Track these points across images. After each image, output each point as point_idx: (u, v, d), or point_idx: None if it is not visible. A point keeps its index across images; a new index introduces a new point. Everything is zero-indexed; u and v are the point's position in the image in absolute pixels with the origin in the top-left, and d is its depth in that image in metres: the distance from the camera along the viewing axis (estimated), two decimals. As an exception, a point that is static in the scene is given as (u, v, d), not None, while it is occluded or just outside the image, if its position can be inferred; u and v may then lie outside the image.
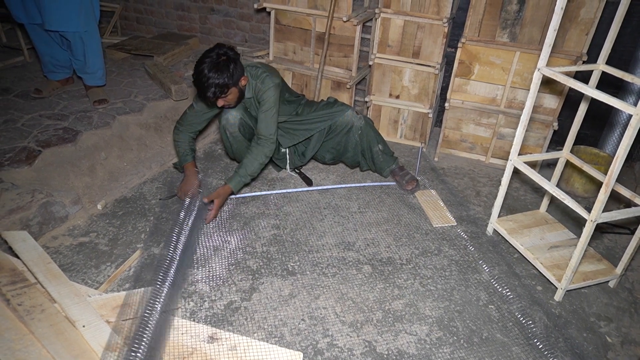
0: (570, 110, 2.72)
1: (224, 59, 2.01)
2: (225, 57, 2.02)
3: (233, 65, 2.03)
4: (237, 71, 2.06)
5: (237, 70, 2.06)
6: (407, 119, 3.06)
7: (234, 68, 2.03)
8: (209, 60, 1.99)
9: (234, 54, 2.07)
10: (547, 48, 1.79)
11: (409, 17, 2.75)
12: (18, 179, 2.20)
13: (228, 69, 2.01)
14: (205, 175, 2.67)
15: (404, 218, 2.38)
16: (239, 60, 2.11)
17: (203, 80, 2.00)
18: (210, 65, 1.98)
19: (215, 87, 2.01)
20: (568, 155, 2.18)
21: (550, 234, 2.18)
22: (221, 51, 2.03)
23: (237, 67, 2.06)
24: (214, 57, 2.00)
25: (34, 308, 1.55)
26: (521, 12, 2.48)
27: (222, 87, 2.03)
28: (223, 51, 2.04)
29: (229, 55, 2.03)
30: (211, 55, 2.01)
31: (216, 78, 1.99)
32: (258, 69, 2.24)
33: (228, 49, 2.06)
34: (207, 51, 2.05)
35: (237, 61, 2.07)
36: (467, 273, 2.04)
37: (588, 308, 1.90)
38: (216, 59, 2.00)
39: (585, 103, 2.05)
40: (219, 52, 2.02)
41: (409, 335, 1.72)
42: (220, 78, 1.99)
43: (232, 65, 2.02)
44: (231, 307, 1.79)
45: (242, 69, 2.12)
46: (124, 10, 4.26)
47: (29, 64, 3.45)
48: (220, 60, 2.00)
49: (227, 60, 2.02)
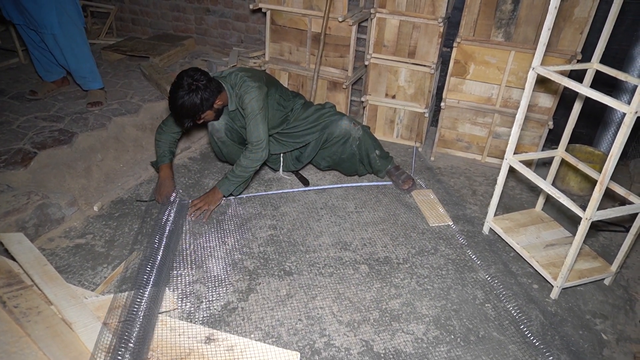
0: (565, 109, 2.73)
1: (194, 88, 2.03)
2: (195, 85, 2.03)
3: (203, 93, 2.05)
4: (208, 96, 2.08)
5: (209, 95, 2.08)
6: (403, 118, 3.06)
7: (204, 95, 2.05)
8: (180, 91, 2.02)
9: (204, 81, 2.06)
10: (541, 47, 1.80)
11: (404, 17, 2.76)
12: (14, 181, 2.19)
13: (199, 98, 2.04)
14: (201, 176, 2.67)
15: (401, 217, 2.39)
16: (211, 83, 2.10)
17: (177, 109, 2.06)
18: (181, 95, 2.02)
19: (189, 116, 2.08)
20: (563, 154, 2.19)
21: (546, 233, 2.19)
22: (191, 79, 2.04)
23: (208, 91, 2.07)
24: (185, 87, 2.02)
25: (30, 310, 1.54)
26: (516, 12, 2.49)
27: (195, 115, 2.09)
28: (193, 79, 2.04)
29: (199, 84, 2.04)
30: (182, 84, 2.03)
31: (188, 108, 2.05)
32: (237, 75, 2.23)
33: (200, 75, 2.06)
34: (179, 77, 2.06)
35: (208, 87, 2.07)
36: (463, 272, 2.05)
37: (584, 306, 1.91)
38: (187, 88, 2.02)
39: (580, 102, 2.06)
40: (189, 81, 2.03)
41: (405, 335, 1.72)
42: (192, 107, 2.05)
43: (201, 93, 2.04)
44: (228, 308, 1.79)
45: (216, 91, 2.12)
46: (119, 11, 4.25)
47: (23, 66, 3.44)
48: (191, 90, 2.02)
49: (196, 90, 2.03)
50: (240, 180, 2.30)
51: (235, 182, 2.29)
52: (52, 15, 2.56)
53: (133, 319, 1.58)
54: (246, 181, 2.34)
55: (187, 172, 2.70)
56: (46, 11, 2.54)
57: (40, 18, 2.56)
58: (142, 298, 1.69)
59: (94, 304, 1.65)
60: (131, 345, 1.47)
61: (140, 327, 1.56)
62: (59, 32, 2.61)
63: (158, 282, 1.79)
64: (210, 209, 2.29)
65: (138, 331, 1.54)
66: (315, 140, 2.47)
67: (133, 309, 1.62)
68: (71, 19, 2.66)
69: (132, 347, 1.47)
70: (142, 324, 1.57)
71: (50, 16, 2.56)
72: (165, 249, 1.98)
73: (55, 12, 2.56)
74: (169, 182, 2.35)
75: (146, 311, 1.63)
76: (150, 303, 1.67)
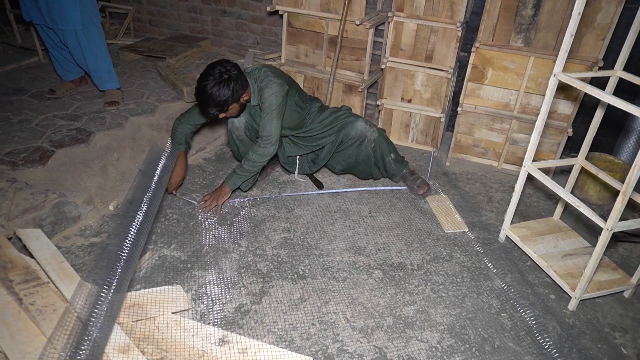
0: (585, 116, 2.69)
1: (226, 77, 2.00)
2: (227, 75, 2.01)
3: (234, 84, 2.02)
4: (238, 89, 2.05)
5: (239, 88, 2.06)
6: (418, 123, 3.04)
7: (235, 86, 2.02)
8: (211, 79, 1.99)
9: (236, 72, 2.05)
10: (563, 54, 1.77)
11: (422, 21, 2.74)
12: (32, 178, 2.22)
13: (229, 88, 2.00)
14: (215, 177, 2.67)
15: (415, 223, 2.37)
16: (242, 75, 2.09)
17: (205, 97, 2.01)
18: (212, 84, 1.98)
19: (216, 106, 2.03)
20: (583, 163, 2.15)
21: (564, 242, 2.15)
22: (223, 69, 2.01)
23: (239, 84, 2.05)
24: (217, 75, 1.99)
25: (46, 308, 1.55)
26: (536, 17, 2.45)
27: (223, 105, 2.04)
28: (225, 69, 2.02)
29: (230, 74, 2.02)
30: (214, 72, 2.00)
31: (217, 97, 1.99)
32: (261, 70, 2.22)
33: (231, 67, 2.04)
34: (210, 67, 2.04)
35: (239, 78, 2.06)
36: (479, 280, 2.02)
37: (602, 318, 1.87)
38: (219, 77, 1.99)
39: (602, 110, 2.02)
40: (221, 70, 2.00)
41: (420, 342, 1.70)
42: (221, 97, 2.00)
43: (233, 84, 2.01)
44: (241, 310, 1.79)
45: (244, 84, 2.10)
46: (137, 12, 4.29)
47: (43, 65, 3.48)
48: (222, 79, 1.99)
49: (229, 79, 2.00)
50: (248, 175, 2.29)
51: (243, 176, 2.28)
52: (76, 10, 2.59)
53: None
54: (254, 176, 2.33)
55: (202, 172, 2.71)
56: (70, 6, 2.57)
57: (64, 13, 2.59)
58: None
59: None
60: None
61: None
62: (80, 29, 2.65)
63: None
64: (219, 205, 2.30)
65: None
66: (331, 142, 2.46)
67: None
68: (91, 19, 2.69)
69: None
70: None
71: (74, 11, 2.59)
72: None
73: (78, 8, 2.60)
74: (178, 173, 2.35)
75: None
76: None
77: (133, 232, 1.72)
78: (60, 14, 2.60)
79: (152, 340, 1.55)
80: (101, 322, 1.43)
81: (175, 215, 2.31)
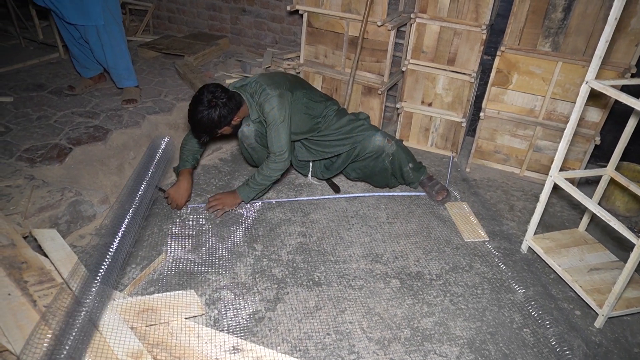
0: (612, 124, 2.59)
1: (214, 104, 2.01)
2: (214, 102, 2.01)
3: (222, 110, 2.03)
4: (226, 114, 2.05)
5: (227, 113, 2.06)
6: (439, 127, 2.97)
7: (222, 112, 2.03)
8: (200, 106, 2.00)
9: (224, 99, 2.03)
10: (597, 60, 1.69)
11: (445, 23, 2.67)
12: (49, 176, 2.22)
13: (217, 115, 2.02)
14: (231, 177, 2.65)
15: (434, 230, 2.31)
16: (231, 100, 2.07)
17: (194, 123, 2.06)
18: (201, 111, 2.00)
19: (206, 132, 2.08)
20: (612, 173, 2.07)
21: (590, 255, 2.07)
22: (211, 95, 2.01)
23: (228, 109, 2.05)
24: (205, 103, 2.00)
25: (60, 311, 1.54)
26: (566, 21, 2.37)
27: (212, 131, 2.08)
28: (214, 95, 2.01)
29: (218, 102, 2.01)
30: (202, 99, 2.01)
31: (206, 124, 2.03)
32: (257, 83, 2.18)
33: (221, 92, 2.03)
34: (199, 93, 2.03)
35: (228, 104, 2.05)
36: (500, 292, 1.95)
37: (632, 337, 1.79)
38: (207, 104, 2.00)
39: (635, 118, 1.93)
40: (208, 97, 2.01)
41: (438, 357, 1.65)
42: (210, 124, 2.03)
43: (220, 110, 2.02)
44: (255, 317, 1.75)
45: (235, 108, 2.09)
46: (157, 9, 4.29)
47: (63, 61, 3.50)
48: (210, 107, 2.00)
49: (216, 107, 2.01)
50: (261, 188, 2.29)
51: (256, 189, 2.28)
52: (98, 6, 2.58)
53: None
54: (267, 188, 2.33)
55: (218, 173, 2.68)
56: (93, 2, 2.56)
57: (86, 9, 2.58)
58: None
59: (121, 306, 1.63)
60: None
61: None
62: (102, 25, 2.64)
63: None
64: (224, 210, 2.29)
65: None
66: (347, 153, 2.40)
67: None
68: (113, 15, 2.68)
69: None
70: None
71: (96, 7, 2.58)
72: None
73: (101, 4, 2.59)
74: (184, 190, 2.28)
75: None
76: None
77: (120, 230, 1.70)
78: (83, 10, 2.59)
79: (165, 347, 1.53)
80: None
81: (191, 217, 2.29)
